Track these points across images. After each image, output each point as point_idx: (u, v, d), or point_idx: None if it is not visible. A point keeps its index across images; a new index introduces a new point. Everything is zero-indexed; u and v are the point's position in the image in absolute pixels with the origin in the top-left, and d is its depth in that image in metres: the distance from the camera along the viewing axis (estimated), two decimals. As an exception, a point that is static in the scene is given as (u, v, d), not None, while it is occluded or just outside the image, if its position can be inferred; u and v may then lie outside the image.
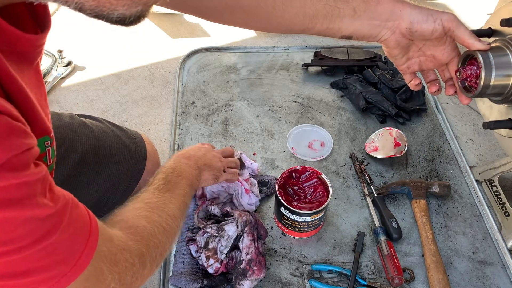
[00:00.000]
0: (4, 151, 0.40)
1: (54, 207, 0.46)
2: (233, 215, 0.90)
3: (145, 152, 1.01)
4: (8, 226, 0.41)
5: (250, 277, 0.85)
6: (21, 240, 0.42)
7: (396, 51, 0.76)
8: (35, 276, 0.45)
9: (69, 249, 0.47)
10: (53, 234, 0.45)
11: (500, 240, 0.99)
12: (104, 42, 1.49)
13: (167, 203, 0.70)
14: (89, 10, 0.43)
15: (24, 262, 0.43)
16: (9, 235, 0.41)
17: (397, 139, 1.14)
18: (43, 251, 0.44)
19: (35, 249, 0.44)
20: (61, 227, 0.46)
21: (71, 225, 0.48)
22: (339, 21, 0.73)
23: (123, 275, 0.54)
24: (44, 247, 0.44)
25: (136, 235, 0.59)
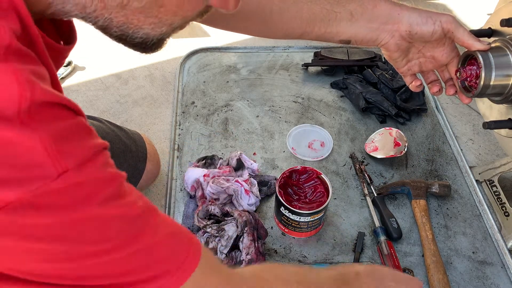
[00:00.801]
0: (83, 150, 0.40)
1: (139, 209, 0.45)
2: (233, 215, 0.90)
3: (146, 152, 1.01)
4: (96, 223, 0.41)
5: None
6: (112, 240, 0.42)
7: (396, 54, 0.76)
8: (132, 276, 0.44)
9: (171, 248, 0.46)
10: (141, 235, 0.44)
11: (500, 240, 0.99)
12: (104, 42, 1.48)
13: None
14: (116, 27, 0.45)
15: (123, 262, 0.43)
16: (100, 234, 0.41)
17: (397, 139, 1.14)
18: (142, 251, 0.44)
19: (128, 250, 0.43)
20: (151, 229, 0.45)
21: (169, 227, 0.47)
22: (337, 25, 0.73)
23: None
24: (139, 249, 0.44)
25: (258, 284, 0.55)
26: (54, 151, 0.37)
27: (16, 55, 0.37)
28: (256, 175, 1.05)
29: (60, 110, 0.40)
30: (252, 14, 0.74)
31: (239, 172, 1.02)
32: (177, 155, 1.14)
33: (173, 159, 1.12)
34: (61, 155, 0.37)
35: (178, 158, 1.13)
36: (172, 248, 0.47)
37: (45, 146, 0.37)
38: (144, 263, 0.44)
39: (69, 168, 0.38)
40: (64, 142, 0.38)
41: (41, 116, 0.37)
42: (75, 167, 0.38)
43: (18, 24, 0.38)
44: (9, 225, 0.36)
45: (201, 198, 0.99)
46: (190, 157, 1.12)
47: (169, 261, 0.46)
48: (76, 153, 0.39)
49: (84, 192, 0.39)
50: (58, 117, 0.39)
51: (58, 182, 0.37)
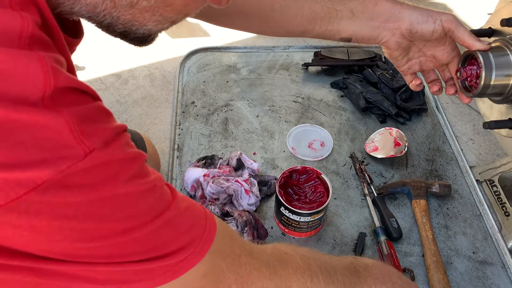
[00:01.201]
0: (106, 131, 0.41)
1: (163, 183, 0.47)
2: (233, 215, 0.90)
3: (145, 152, 1.01)
4: (128, 201, 0.42)
5: None
6: (145, 215, 0.43)
7: (397, 52, 0.76)
8: (162, 249, 0.45)
9: (192, 222, 0.47)
10: (169, 207, 0.46)
11: (500, 240, 0.99)
12: (104, 42, 1.49)
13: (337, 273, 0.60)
14: (121, 24, 0.46)
15: (150, 237, 0.44)
16: (131, 210, 0.42)
17: (397, 139, 1.14)
18: (169, 224, 0.45)
19: (159, 222, 0.44)
20: (176, 201, 0.47)
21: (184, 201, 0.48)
22: (337, 23, 0.73)
23: (248, 281, 0.51)
24: (168, 220, 0.45)
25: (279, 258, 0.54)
26: (79, 132, 0.38)
27: (40, 44, 0.38)
28: (256, 175, 1.05)
29: (80, 95, 0.41)
30: (253, 12, 0.74)
31: (239, 172, 1.02)
32: (177, 155, 1.13)
33: (173, 159, 1.12)
34: (86, 135, 0.39)
35: (178, 158, 1.13)
36: (192, 220, 0.48)
37: (70, 127, 0.38)
38: (170, 237, 0.45)
39: (95, 147, 0.39)
40: (87, 123, 0.39)
41: (64, 100, 0.38)
42: (100, 147, 0.39)
43: (38, 16, 0.39)
44: (41, 205, 0.37)
45: (201, 198, 0.99)
46: (190, 157, 1.12)
47: (191, 233, 0.47)
48: (100, 133, 0.40)
49: (111, 171, 0.41)
50: (79, 101, 0.40)
51: (86, 162, 0.38)
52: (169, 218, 0.45)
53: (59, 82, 0.38)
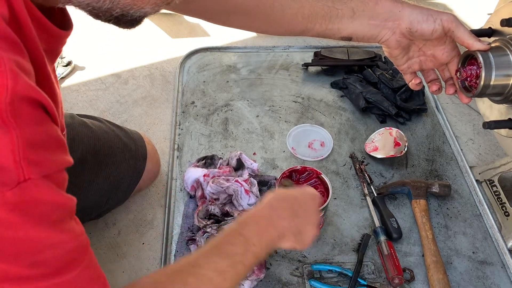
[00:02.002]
0: (50, 163, 0.39)
1: (78, 242, 0.44)
2: (233, 215, 0.90)
3: (145, 152, 1.01)
4: (37, 246, 0.39)
5: (250, 277, 0.85)
6: (44, 267, 0.40)
7: (397, 51, 0.76)
8: None
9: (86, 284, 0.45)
10: (72, 269, 0.43)
11: (500, 240, 0.99)
12: (104, 42, 1.49)
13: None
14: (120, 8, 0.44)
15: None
16: (36, 257, 0.39)
17: (397, 139, 1.14)
18: (61, 286, 0.42)
19: (54, 281, 0.41)
20: (81, 266, 0.44)
21: (90, 269, 0.45)
22: (338, 21, 0.73)
23: None
24: (62, 282, 0.42)
25: None
26: (22, 156, 0.36)
27: (3, 41, 0.36)
28: (256, 175, 1.05)
29: (40, 112, 0.38)
30: (252, 11, 0.74)
31: (239, 172, 1.02)
32: (177, 155, 1.13)
33: (173, 159, 1.12)
34: (28, 162, 0.36)
35: (178, 158, 1.13)
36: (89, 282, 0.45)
37: (13, 148, 0.35)
38: None
39: (31, 178, 0.36)
40: (35, 149, 0.37)
41: (21, 114, 0.36)
42: (37, 178, 0.37)
43: (6, 9, 0.37)
44: None
45: (201, 198, 0.99)
46: (190, 157, 1.12)
47: None
48: (43, 164, 0.38)
49: (34, 211, 0.38)
50: (37, 119, 0.38)
51: (15, 192, 0.36)
52: (68, 279, 0.42)
53: (19, 87, 0.35)
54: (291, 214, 0.66)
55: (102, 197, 0.93)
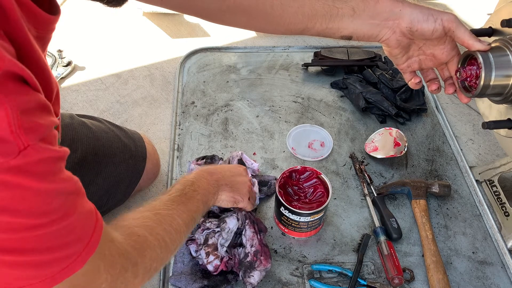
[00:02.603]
0: (42, 127, 0.41)
1: (75, 185, 0.48)
2: (233, 209, 0.90)
3: (145, 152, 1.01)
4: (46, 198, 0.43)
5: (258, 268, 0.85)
6: (53, 214, 0.44)
7: (397, 50, 0.76)
8: (57, 252, 0.45)
9: (84, 228, 0.48)
10: (75, 210, 0.47)
11: (500, 240, 0.99)
12: (104, 42, 1.49)
13: (175, 217, 0.68)
14: None
15: (51, 237, 0.44)
16: (46, 207, 0.43)
17: (397, 139, 1.14)
18: (68, 227, 0.45)
19: (63, 223, 0.45)
20: (79, 206, 0.47)
21: (84, 207, 0.49)
22: (339, 20, 0.73)
23: (115, 278, 0.54)
24: (69, 223, 0.45)
25: (136, 244, 0.59)
26: (17, 126, 0.38)
27: None
28: (256, 175, 1.05)
29: (22, 85, 0.40)
30: (252, 9, 0.73)
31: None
32: (177, 155, 1.13)
33: (173, 159, 1.12)
34: (24, 130, 0.39)
35: (178, 158, 1.13)
36: (86, 223, 0.49)
37: (9, 120, 0.37)
38: (67, 239, 0.46)
39: (30, 144, 0.39)
40: (27, 117, 0.39)
41: (7, 88, 0.38)
42: (35, 144, 0.40)
43: None
44: None
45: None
46: (190, 157, 1.12)
47: (83, 237, 0.48)
48: (37, 129, 0.40)
49: (39, 169, 0.41)
50: (21, 91, 0.40)
51: (18, 160, 0.39)
52: (73, 220, 0.46)
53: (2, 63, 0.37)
54: (220, 173, 0.85)
55: (102, 197, 0.92)
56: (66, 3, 1.63)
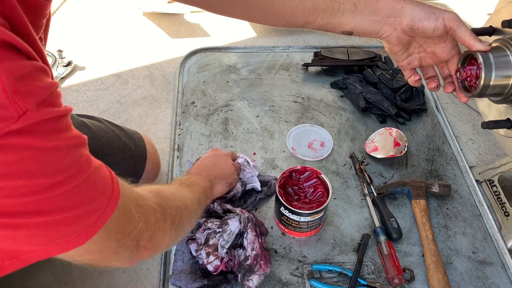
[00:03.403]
0: (40, 89, 0.41)
1: (84, 138, 0.48)
2: (235, 211, 0.90)
3: (145, 152, 1.01)
4: (57, 155, 0.43)
5: (257, 272, 0.85)
6: (69, 170, 0.44)
7: (398, 47, 0.76)
8: (84, 207, 0.46)
9: (104, 179, 0.49)
10: (90, 163, 0.47)
11: (500, 240, 0.99)
12: (104, 42, 1.49)
13: (187, 194, 0.73)
14: None
15: (74, 193, 0.44)
16: (59, 164, 0.43)
17: (397, 139, 1.14)
18: (88, 181, 0.46)
19: (82, 177, 0.45)
20: (92, 159, 0.48)
21: (95, 161, 0.49)
22: (340, 16, 0.73)
23: (147, 216, 0.56)
24: (88, 176, 0.46)
25: (158, 194, 0.62)
26: (13, 91, 0.38)
27: None
28: (259, 174, 1.05)
29: (15, 52, 0.40)
30: (253, 1, 0.74)
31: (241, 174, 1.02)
32: (177, 155, 1.14)
33: (173, 159, 1.12)
34: (20, 95, 0.38)
35: (178, 158, 1.13)
36: (104, 177, 0.50)
37: (4, 86, 0.37)
38: (91, 193, 0.47)
39: (28, 109, 0.39)
40: (22, 81, 0.39)
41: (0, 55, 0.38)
42: (34, 108, 0.40)
43: None
44: None
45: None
46: (190, 157, 1.12)
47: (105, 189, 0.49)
48: (34, 93, 0.40)
49: (42, 129, 0.41)
50: (15, 58, 0.40)
51: (19, 123, 0.38)
52: (90, 173, 0.46)
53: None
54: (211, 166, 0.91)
55: (102, 197, 0.92)
56: (66, 3, 1.64)
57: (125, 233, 0.53)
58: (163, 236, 0.61)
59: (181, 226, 0.66)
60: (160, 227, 0.59)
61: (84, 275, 0.91)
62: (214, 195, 0.88)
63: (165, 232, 0.61)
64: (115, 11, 1.62)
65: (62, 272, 0.91)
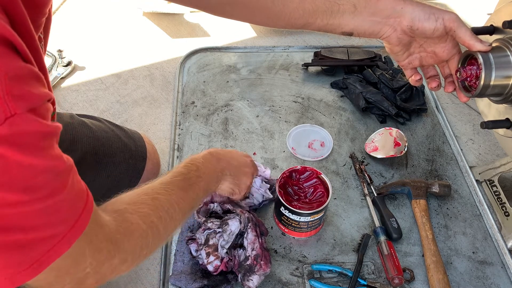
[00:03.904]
0: (33, 96, 0.39)
1: (65, 163, 0.46)
2: (235, 212, 0.90)
3: (145, 151, 1.01)
4: (30, 172, 0.41)
5: (258, 272, 0.85)
6: (38, 191, 0.42)
7: (398, 48, 0.76)
8: (41, 231, 0.44)
9: (71, 209, 0.47)
10: (63, 189, 0.45)
11: (500, 240, 0.99)
12: (104, 42, 1.49)
13: (173, 204, 0.66)
14: None
15: (36, 215, 0.43)
16: (30, 182, 0.41)
17: (397, 139, 1.14)
18: (54, 206, 0.44)
19: (49, 202, 0.43)
20: (68, 185, 0.46)
21: (74, 187, 0.48)
22: (339, 17, 0.73)
23: (100, 264, 0.53)
24: (56, 202, 0.44)
25: (127, 232, 0.57)
26: (6, 91, 0.36)
27: None
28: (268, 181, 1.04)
29: (13, 51, 0.39)
30: (253, 3, 0.74)
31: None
32: (177, 155, 1.13)
33: (173, 159, 1.12)
34: (12, 97, 0.37)
35: (178, 158, 1.13)
36: (75, 203, 0.48)
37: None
38: (54, 218, 0.45)
39: (17, 112, 0.37)
40: (17, 83, 0.37)
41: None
42: (23, 112, 0.38)
43: None
44: None
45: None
46: (190, 157, 1.12)
47: (70, 217, 0.47)
48: (27, 98, 0.39)
49: (24, 141, 0.39)
50: (12, 57, 0.38)
51: (3, 128, 0.37)
52: (59, 199, 0.45)
53: None
54: (227, 161, 0.83)
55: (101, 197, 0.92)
56: (66, 3, 1.63)
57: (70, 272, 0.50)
58: (115, 275, 0.57)
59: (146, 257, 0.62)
60: (113, 271, 0.56)
61: (84, 275, 0.91)
62: (217, 191, 0.83)
63: (119, 271, 0.57)
64: (115, 11, 1.62)
65: (62, 272, 0.91)
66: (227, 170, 0.82)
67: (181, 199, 0.68)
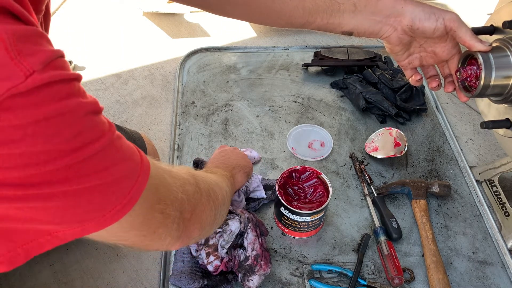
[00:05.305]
0: (45, 52, 0.39)
1: (101, 108, 0.45)
2: (236, 212, 0.90)
3: (145, 152, 1.01)
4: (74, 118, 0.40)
5: (258, 272, 0.85)
6: (89, 134, 0.41)
7: (398, 47, 0.76)
8: (113, 174, 0.43)
9: (129, 149, 0.47)
10: (113, 130, 0.44)
11: (500, 240, 0.99)
12: (104, 42, 1.49)
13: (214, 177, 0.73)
14: None
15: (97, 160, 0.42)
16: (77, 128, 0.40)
17: (397, 139, 1.14)
18: (111, 147, 0.43)
19: (104, 144, 0.42)
20: (112, 127, 0.45)
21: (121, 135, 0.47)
22: (340, 16, 0.73)
23: (184, 186, 0.54)
24: (111, 143, 0.43)
25: (187, 168, 0.61)
26: (16, 52, 0.36)
27: None
28: (262, 179, 1.05)
29: (15, 19, 0.38)
30: (253, 2, 0.74)
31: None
32: (177, 155, 1.13)
33: (173, 159, 1.12)
34: (24, 56, 0.36)
35: (178, 158, 1.13)
36: (130, 148, 0.47)
37: (6, 46, 0.35)
38: (116, 159, 0.44)
39: (35, 70, 0.37)
40: (25, 43, 0.37)
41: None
42: (40, 69, 0.37)
43: None
44: None
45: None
46: (190, 157, 1.12)
47: (133, 159, 0.47)
48: (39, 55, 0.38)
49: (53, 91, 0.39)
50: (15, 22, 0.38)
51: (27, 84, 0.36)
52: (114, 138, 0.44)
53: None
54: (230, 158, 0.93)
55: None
56: (66, 3, 1.63)
57: (167, 202, 0.51)
58: (203, 210, 0.59)
59: (217, 202, 0.64)
60: (198, 200, 0.58)
61: (84, 275, 0.91)
62: (236, 186, 0.89)
63: (204, 206, 0.59)
64: (115, 11, 1.62)
65: (62, 272, 0.91)
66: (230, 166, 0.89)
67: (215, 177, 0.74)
